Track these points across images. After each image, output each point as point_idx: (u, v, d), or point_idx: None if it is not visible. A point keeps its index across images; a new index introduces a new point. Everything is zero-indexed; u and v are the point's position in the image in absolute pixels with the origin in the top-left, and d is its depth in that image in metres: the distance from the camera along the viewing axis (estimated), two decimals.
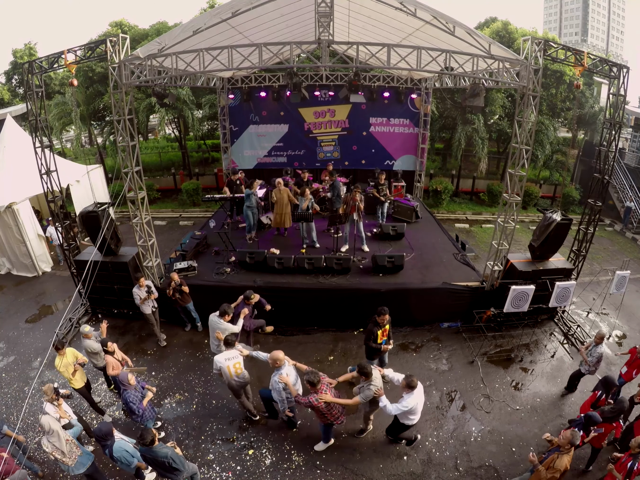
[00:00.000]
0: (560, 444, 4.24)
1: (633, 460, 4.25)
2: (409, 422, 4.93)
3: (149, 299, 7.04)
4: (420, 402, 4.83)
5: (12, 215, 9.45)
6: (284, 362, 4.97)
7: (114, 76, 6.51)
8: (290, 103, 11.45)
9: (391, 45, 6.33)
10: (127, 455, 4.46)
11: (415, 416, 4.88)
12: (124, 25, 18.03)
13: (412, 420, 4.91)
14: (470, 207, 15.82)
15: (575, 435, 4.16)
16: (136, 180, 7.19)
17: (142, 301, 6.99)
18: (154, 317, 7.35)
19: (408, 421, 4.92)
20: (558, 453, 4.23)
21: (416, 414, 4.86)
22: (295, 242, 9.50)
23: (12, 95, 21.47)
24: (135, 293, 6.98)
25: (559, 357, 7.34)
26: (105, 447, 4.41)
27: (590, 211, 7.86)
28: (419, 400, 4.79)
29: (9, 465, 4.33)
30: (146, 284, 7.01)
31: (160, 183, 16.49)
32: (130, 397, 4.86)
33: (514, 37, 15.88)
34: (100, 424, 4.56)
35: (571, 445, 4.17)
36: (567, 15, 73.20)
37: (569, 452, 4.19)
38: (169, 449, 4.30)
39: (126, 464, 4.48)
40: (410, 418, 4.88)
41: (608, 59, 7.07)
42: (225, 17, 7.36)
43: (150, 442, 4.11)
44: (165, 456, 4.20)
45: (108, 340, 5.67)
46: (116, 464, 4.64)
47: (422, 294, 7.81)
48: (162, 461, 4.21)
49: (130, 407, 4.90)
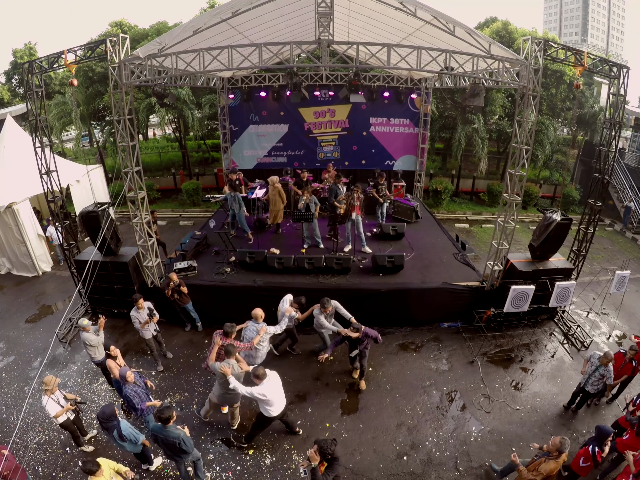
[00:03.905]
0: (549, 450, 4.22)
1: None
2: (267, 414, 5.02)
3: (150, 322, 6.43)
4: (276, 394, 4.95)
5: (12, 215, 9.45)
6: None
7: (114, 76, 6.50)
8: (290, 103, 11.44)
9: (391, 45, 6.33)
10: (134, 433, 4.63)
11: (272, 408, 4.97)
12: (124, 25, 18.04)
13: (270, 412, 4.99)
14: (470, 207, 15.82)
15: (565, 443, 4.10)
16: (136, 180, 7.19)
17: (142, 325, 6.35)
18: (153, 342, 6.74)
19: (266, 412, 5.01)
20: (546, 458, 4.23)
21: (273, 405, 4.96)
22: (295, 242, 9.50)
23: (12, 95, 21.45)
24: (134, 317, 6.31)
25: (559, 357, 7.34)
26: (112, 429, 4.53)
27: (590, 211, 7.86)
28: (274, 391, 4.90)
29: (10, 462, 4.34)
30: (146, 305, 6.44)
31: (160, 183, 16.50)
32: (130, 392, 4.91)
33: (514, 37, 15.89)
34: (103, 407, 4.67)
35: (559, 453, 4.14)
36: (567, 15, 73.22)
37: (557, 459, 4.17)
38: (181, 431, 4.40)
39: (134, 442, 4.62)
40: (267, 409, 4.98)
41: (608, 59, 7.07)
42: (225, 17, 7.36)
43: (166, 420, 4.23)
44: (177, 437, 4.30)
45: (112, 344, 5.63)
46: (123, 447, 4.72)
47: (422, 294, 7.80)
48: (173, 442, 4.30)
49: (131, 402, 4.93)
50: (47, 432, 5.74)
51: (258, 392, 4.77)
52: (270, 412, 5.01)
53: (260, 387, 4.81)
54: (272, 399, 4.91)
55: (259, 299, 7.39)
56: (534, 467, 4.26)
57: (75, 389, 6.55)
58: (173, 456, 4.56)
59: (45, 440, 5.63)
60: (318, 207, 9.01)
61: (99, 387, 6.63)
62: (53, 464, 5.30)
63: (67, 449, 5.50)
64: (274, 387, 4.92)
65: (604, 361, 5.56)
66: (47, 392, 4.87)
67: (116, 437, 4.55)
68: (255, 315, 5.97)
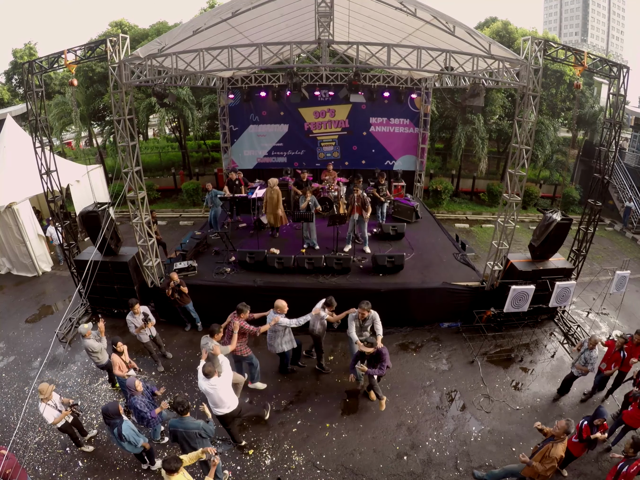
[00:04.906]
0: (555, 434, 4.26)
1: (626, 462, 4.26)
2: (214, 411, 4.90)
3: (145, 328, 6.42)
4: (221, 393, 4.76)
5: (12, 215, 9.45)
6: None
7: (114, 76, 6.50)
8: (290, 103, 11.44)
9: (391, 45, 6.33)
10: (134, 434, 4.61)
11: (216, 408, 4.86)
12: (124, 25, 18.04)
13: (215, 410, 4.88)
14: (470, 207, 15.82)
15: (570, 425, 4.18)
16: (136, 180, 7.19)
17: (138, 330, 6.40)
18: (152, 345, 6.78)
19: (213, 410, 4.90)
20: (552, 442, 4.25)
21: (215, 405, 4.83)
22: (295, 242, 9.50)
23: (12, 95, 21.46)
24: (130, 321, 6.35)
25: (559, 357, 7.34)
26: (114, 426, 4.52)
27: (590, 211, 7.86)
28: (219, 389, 4.73)
29: (11, 460, 4.34)
30: (142, 310, 6.41)
31: (160, 183, 16.50)
32: (138, 404, 4.84)
33: (514, 37, 15.89)
34: (107, 404, 4.70)
35: (566, 434, 4.20)
36: (567, 15, 73.22)
37: (564, 441, 4.23)
38: (200, 420, 4.41)
39: (134, 444, 4.61)
40: (212, 407, 4.87)
41: (608, 59, 7.07)
42: (225, 17, 7.36)
43: (185, 411, 4.23)
44: (197, 427, 4.30)
45: (119, 340, 5.59)
46: (122, 446, 4.71)
47: (422, 294, 7.81)
48: (194, 433, 4.28)
49: (139, 414, 4.89)
50: (47, 432, 5.74)
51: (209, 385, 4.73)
52: (215, 410, 4.91)
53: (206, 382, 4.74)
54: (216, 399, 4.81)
55: (259, 299, 7.39)
56: (542, 454, 4.24)
57: (75, 389, 6.56)
58: (188, 449, 4.42)
59: (45, 440, 5.63)
60: (317, 208, 9.01)
61: (99, 387, 6.63)
62: (53, 464, 5.30)
63: (67, 449, 5.50)
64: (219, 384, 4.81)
65: (589, 344, 5.85)
66: (44, 399, 4.82)
67: (116, 435, 4.55)
68: (276, 305, 5.97)
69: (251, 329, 5.70)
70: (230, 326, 5.67)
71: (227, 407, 4.92)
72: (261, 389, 6.43)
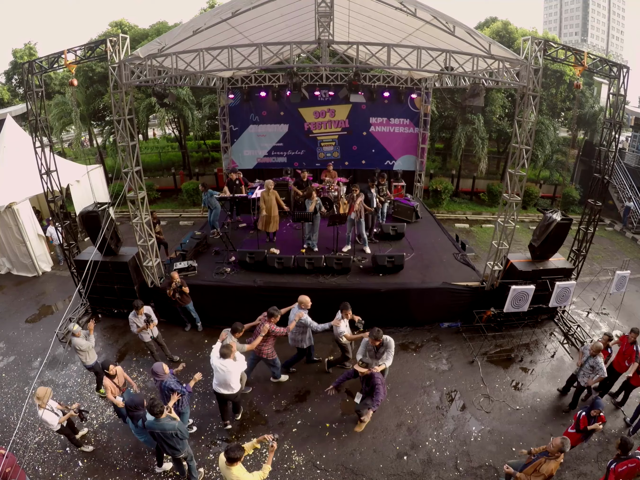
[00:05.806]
0: (549, 451, 4.18)
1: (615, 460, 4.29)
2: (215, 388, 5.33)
3: (147, 329, 6.46)
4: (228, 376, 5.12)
5: (12, 215, 9.44)
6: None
7: (114, 76, 6.50)
8: (290, 103, 11.42)
9: (391, 45, 6.33)
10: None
11: (218, 386, 5.28)
12: (124, 25, 18.05)
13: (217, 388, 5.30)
14: (470, 207, 15.81)
15: (565, 443, 4.07)
16: (136, 180, 7.19)
17: (139, 330, 6.44)
18: (153, 345, 6.82)
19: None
20: (546, 458, 4.18)
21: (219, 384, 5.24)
22: (295, 242, 9.49)
23: (12, 95, 21.46)
24: (132, 321, 6.42)
25: (559, 357, 7.34)
26: (137, 418, 4.61)
27: (590, 211, 7.86)
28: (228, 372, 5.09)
29: (11, 459, 4.34)
30: (145, 311, 6.45)
31: (160, 183, 16.49)
32: (172, 384, 4.93)
33: (514, 37, 15.90)
34: (132, 395, 4.79)
35: (560, 452, 4.10)
36: (567, 15, 73.22)
37: (557, 459, 4.13)
38: (175, 421, 4.42)
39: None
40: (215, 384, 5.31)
41: (608, 59, 7.07)
42: (225, 17, 7.36)
43: (158, 413, 4.24)
44: (173, 427, 4.32)
45: (110, 362, 5.34)
46: (141, 437, 4.84)
47: (422, 294, 7.80)
48: (170, 433, 4.32)
49: (176, 389, 4.93)
50: (47, 432, 5.71)
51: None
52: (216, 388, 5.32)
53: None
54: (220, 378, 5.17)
55: (259, 299, 7.41)
56: (534, 468, 4.23)
57: (75, 389, 6.56)
58: (169, 450, 4.54)
59: (45, 440, 5.63)
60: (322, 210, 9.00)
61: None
62: (53, 464, 5.30)
63: (67, 449, 5.49)
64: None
65: (592, 352, 5.66)
66: (42, 405, 4.76)
67: (140, 426, 4.59)
68: (300, 300, 6.14)
69: (282, 331, 5.84)
70: (259, 328, 5.79)
71: (230, 390, 5.29)
72: (284, 380, 6.66)
